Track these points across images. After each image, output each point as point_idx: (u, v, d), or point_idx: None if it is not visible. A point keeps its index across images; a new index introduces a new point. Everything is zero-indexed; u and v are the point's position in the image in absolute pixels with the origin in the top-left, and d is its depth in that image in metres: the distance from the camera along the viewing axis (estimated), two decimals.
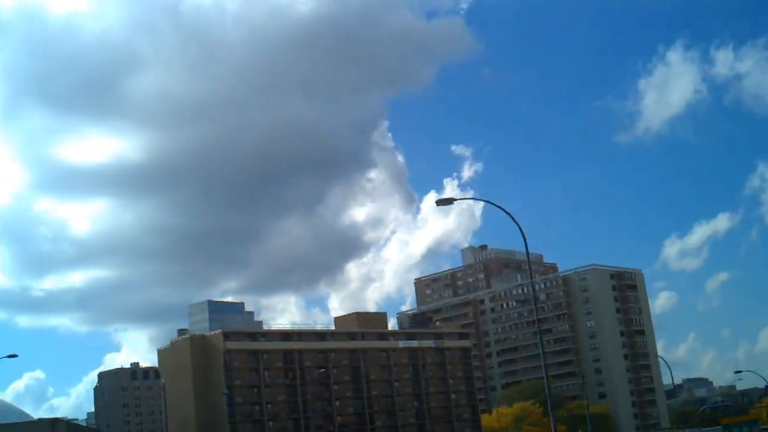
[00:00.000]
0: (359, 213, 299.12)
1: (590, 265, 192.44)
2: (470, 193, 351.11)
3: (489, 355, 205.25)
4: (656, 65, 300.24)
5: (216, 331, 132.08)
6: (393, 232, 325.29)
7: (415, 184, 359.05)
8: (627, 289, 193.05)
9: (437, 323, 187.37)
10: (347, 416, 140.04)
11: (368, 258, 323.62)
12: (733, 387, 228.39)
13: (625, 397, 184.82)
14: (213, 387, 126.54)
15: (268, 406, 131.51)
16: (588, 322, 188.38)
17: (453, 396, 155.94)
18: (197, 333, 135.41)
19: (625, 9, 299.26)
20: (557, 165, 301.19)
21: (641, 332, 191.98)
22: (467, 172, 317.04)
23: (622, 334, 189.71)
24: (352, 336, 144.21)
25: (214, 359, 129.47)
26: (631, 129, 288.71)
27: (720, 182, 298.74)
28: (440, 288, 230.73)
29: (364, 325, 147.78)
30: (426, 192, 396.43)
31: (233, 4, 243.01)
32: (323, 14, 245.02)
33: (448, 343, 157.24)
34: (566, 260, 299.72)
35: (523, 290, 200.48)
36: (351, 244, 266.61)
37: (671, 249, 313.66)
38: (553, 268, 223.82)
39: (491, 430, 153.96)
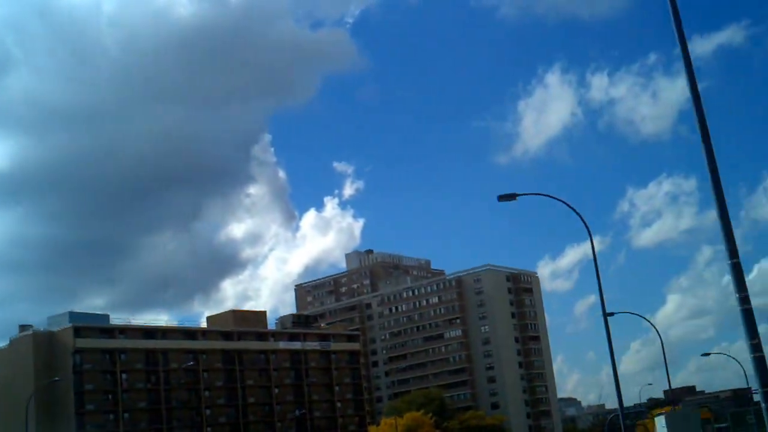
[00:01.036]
0: (237, 229, 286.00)
1: (485, 266, 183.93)
2: (350, 212, 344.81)
3: (376, 364, 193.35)
4: (535, 87, 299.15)
5: (65, 326, 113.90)
6: (271, 250, 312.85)
7: (296, 201, 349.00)
8: (523, 292, 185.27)
9: (323, 326, 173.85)
10: (219, 427, 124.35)
11: (245, 276, 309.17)
12: (602, 406, 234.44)
13: (519, 407, 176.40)
14: (59, 393, 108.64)
15: (125, 415, 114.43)
16: (482, 327, 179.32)
17: (339, 405, 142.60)
18: (42, 329, 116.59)
19: (508, 29, 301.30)
20: (439, 184, 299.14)
21: (536, 338, 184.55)
22: (348, 190, 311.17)
23: (516, 341, 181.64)
24: (226, 335, 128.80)
25: (61, 360, 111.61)
26: (509, 150, 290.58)
27: (592, 206, 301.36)
28: (323, 295, 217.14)
29: (240, 324, 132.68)
30: (306, 209, 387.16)
31: (109, 5, 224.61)
32: (204, 19, 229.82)
33: (335, 345, 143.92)
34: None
35: (413, 293, 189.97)
36: (227, 261, 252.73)
37: (544, 270, 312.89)
38: (440, 274, 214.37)
39: None
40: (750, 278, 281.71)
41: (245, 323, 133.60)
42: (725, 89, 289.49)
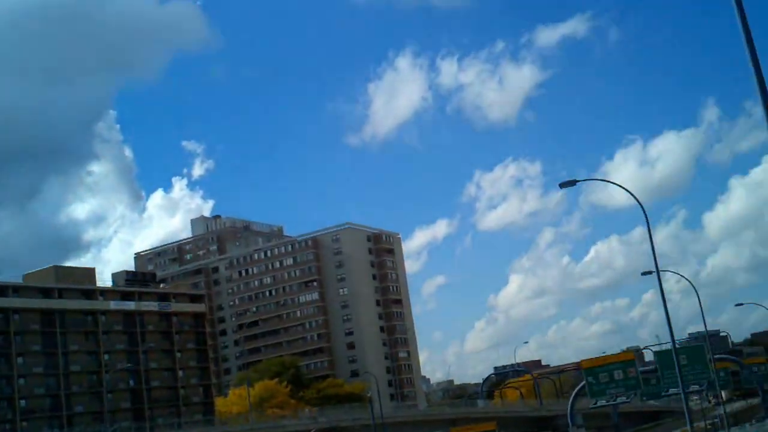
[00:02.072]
0: (79, 210, 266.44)
1: (345, 224, 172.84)
2: (199, 193, 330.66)
3: (224, 332, 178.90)
4: (386, 71, 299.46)
5: None
6: (116, 231, 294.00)
7: (143, 181, 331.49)
8: (384, 252, 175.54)
9: (162, 286, 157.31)
10: (36, 399, 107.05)
11: (87, 258, 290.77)
12: (451, 382, 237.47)
13: (381, 374, 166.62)
14: None
15: None
16: (341, 290, 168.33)
17: (181, 374, 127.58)
18: None
19: (360, 12, 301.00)
20: (291, 166, 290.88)
21: (398, 302, 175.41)
22: (198, 170, 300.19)
23: (378, 304, 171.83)
24: (45, 292, 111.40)
25: None
26: (360, 132, 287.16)
27: (441, 189, 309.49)
28: (166, 263, 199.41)
29: (64, 281, 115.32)
30: (154, 189, 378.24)
31: None
32: None
33: (176, 306, 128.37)
34: None
35: (265, 254, 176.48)
36: (69, 244, 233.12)
37: None
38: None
39: (228, 416, 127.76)
40: (587, 259, 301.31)
41: (69, 280, 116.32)
42: (569, 78, 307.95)
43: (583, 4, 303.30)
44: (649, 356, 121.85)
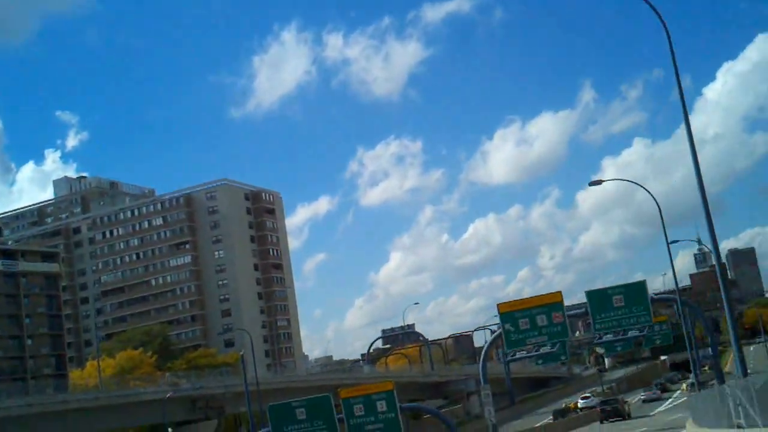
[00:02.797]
0: None
1: (222, 180, 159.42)
2: (73, 166, 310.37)
3: (86, 300, 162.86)
4: (271, 44, 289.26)
5: None
6: None
7: (12, 152, 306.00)
8: (264, 213, 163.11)
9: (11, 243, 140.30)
10: None
11: None
12: (330, 358, 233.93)
13: (258, 344, 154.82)
14: None
15: None
16: (216, 253, 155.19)
17: (30, 342, 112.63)
18: None
19: None
20: (171, 138, 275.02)
21: (279, 267, 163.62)
22: (72, 141, 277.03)
23: (256, 268, 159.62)
24: None
25: None
26: (243, 105, 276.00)
27: (324, 165, 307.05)
28: (24, 227, 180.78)
29: None
30: (25, 161, 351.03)
31: None
32: None
33: (24, 266, 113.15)
34: None
35: (132, 213, 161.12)
36: None
37: None
38: None
39: (83, 389, 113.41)
40: (465, 237, 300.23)
41: None
42: (453, 56, 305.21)
43: None
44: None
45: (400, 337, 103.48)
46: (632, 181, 48.76)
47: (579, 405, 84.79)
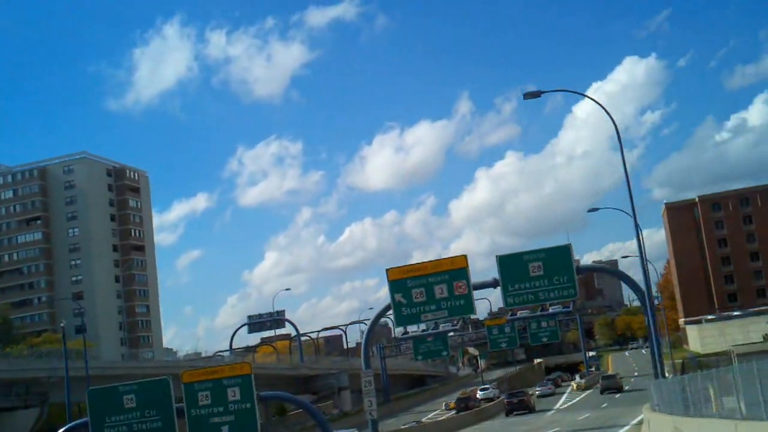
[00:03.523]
0: None
1: (81, 154, 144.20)
2: None
3: None
4: (153, 37, 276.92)
5: None
6: None
7: None
8: (128, 191, 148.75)
9: None
10: None
11: None
12: (199, 354, 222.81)
13: (113, 331, 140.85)
14: None
15: None
16: (71, 230, 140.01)
17: None
18: None
19: None
20: (44, 131, 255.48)
21: (140, 249, 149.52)
22: None
23: (115, 249, 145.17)
24: None
25: None
26: (121, 98, 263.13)
27: (203, 162, 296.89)
28: None
29: None
30: None
31: None
32: None
33: None
34: None
35: None
36: None
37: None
38: None
39: None
40: (341, 240, 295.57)
41: None
42: (336, 60, 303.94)
43: None
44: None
45: (268, 324, 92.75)
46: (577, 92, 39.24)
47: (479, 396, 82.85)
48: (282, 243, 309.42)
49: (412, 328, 37.99)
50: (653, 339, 37.19)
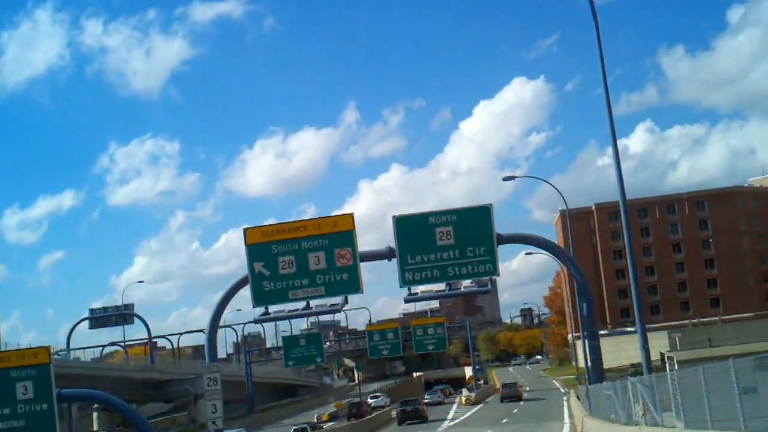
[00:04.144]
0: None
1: None
2: None
3: None
4: (23, 20, 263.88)
5: None
6: None
7: None
8: None
9: None
10: None
11: None
12: (78, 359, 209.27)
13: None
14: None
15: None
16: None
17: None
18: None
19: None
20: None
21: None
22: None
23: None
24: None
25: None
26: None
27: (71, 157, 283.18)
28: None
29: None
30: None
31: None
32: None
33: None
34: None
35: None
36: None
37: (12, 219, 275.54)
38: None
39: None
40: (216, 246, 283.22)
41: None
42: (220, 58, 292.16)
43: None
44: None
45: (114, 319, 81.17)
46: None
47: (370, 403, 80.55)
48: (153, 247, 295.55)
49: (276, 309, 28.42)
50: (640, 326, 29.88)
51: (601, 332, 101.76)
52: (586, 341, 31.57)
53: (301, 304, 28.55)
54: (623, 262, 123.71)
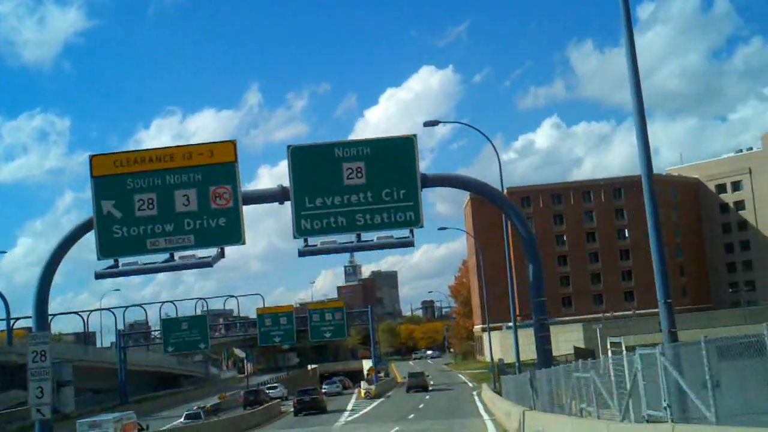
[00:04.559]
0: None
1: None
2: None
3: None
4: None
5: None
6: None
7: None
8: None
9: None
10: None
11: None
12: None
13: None
14: None
15: None
16: None
17: None
18: None
19: None
20: None
21: None
22: None
23: None
24: None
25: None
26: None
27: None
28: None
29: None
30: None
31: None
32: None
33: None
34: None
35: None
36: None
37: None
38: None
39: None
40: None
41: None
42: (118, 33, 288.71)
43: None
44: None
45: None
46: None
47: (269, 394, 76.86)
48: (39, 228, 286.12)
49: (128, 261, 21.71)
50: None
51: (519, 324, 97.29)
52: (535, 317, 26.13)
53: (163, 257, 22.20)
54: (540, 249, 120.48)
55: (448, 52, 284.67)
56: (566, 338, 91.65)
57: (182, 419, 55.30)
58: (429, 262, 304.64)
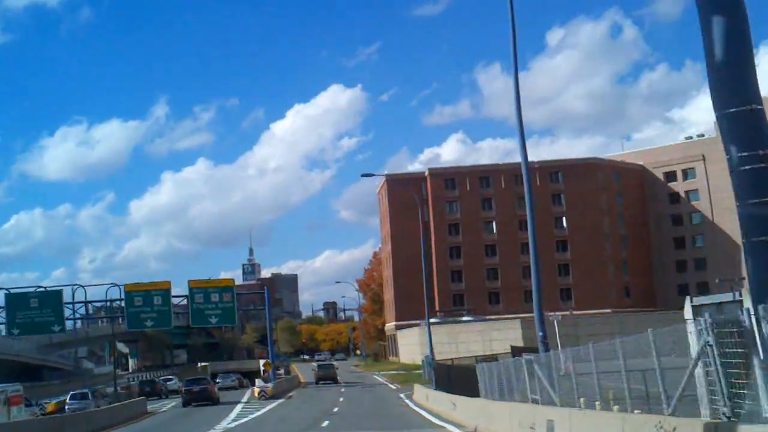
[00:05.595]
0: None
1: None
2: None
3: None
4: None
5: None
6: None
7: None
8: None
9: None
10: None
11: None
12: None
13: None
14: None
15: None
16: None
17: None
18: None
19: None
20: None
21: None
22: None
23: None
24: None
25: None
26: None
27: None
28: None
29: None
30: None
31: None
32: None
33: None
34: None
35: None
36: None
37: None
38: None
39: None
40: (5, 227, 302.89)
41: None
42: (30, 43, 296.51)
43: None
44: None
45: None
46: None
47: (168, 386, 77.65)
48: None
49: None
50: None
51: (433, 321, 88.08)
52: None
53: None
54: (460, 237, 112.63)
55: (358, 71, 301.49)
56: (497, 336, 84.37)
57: (68, 399, 52.11)
58: (330, 267, 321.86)
